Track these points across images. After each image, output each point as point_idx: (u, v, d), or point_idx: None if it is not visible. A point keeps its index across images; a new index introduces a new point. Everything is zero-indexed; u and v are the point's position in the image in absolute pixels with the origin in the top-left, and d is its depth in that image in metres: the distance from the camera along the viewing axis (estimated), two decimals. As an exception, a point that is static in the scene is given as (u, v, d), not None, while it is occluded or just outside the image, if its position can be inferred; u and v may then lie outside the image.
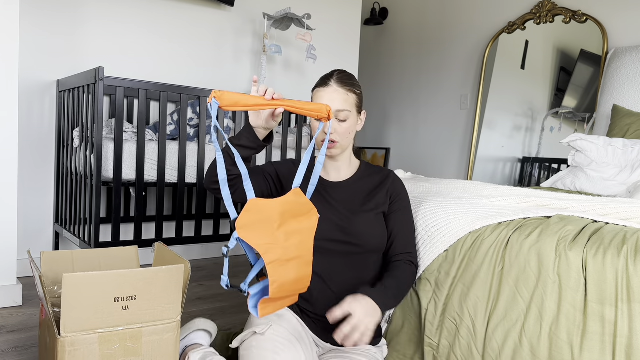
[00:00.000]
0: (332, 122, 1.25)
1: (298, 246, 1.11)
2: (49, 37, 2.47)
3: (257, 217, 1.08)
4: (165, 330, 1.25)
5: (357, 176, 1.41)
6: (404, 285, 1.33)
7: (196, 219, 2.40)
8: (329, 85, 1.30)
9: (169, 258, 1.39)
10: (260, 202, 1.09)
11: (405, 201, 1.41)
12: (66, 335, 1.14)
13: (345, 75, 1.33)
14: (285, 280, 1.08)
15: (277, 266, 1.07)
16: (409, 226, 1.40)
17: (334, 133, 1.29)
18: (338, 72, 1.33)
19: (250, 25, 3.15)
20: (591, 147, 2.25)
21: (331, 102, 1.28)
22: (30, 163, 2.48)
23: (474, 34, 3.74)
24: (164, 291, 1.22)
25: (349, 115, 1.30)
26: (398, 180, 1.43)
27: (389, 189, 1.39)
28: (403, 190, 1.42)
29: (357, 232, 1.32)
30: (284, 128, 2.61)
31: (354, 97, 1.32)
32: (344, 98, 1.29)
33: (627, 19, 2.97)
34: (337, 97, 1.28)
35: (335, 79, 1.30)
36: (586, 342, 1.11)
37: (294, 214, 1.13)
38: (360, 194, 1.38)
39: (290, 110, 1.18)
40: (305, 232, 1.13)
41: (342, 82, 1.30)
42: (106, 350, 1.18)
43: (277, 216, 1.10)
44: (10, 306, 2.04)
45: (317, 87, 1.33)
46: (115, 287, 1.16)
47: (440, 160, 3.93)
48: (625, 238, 1.16)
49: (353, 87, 1.32)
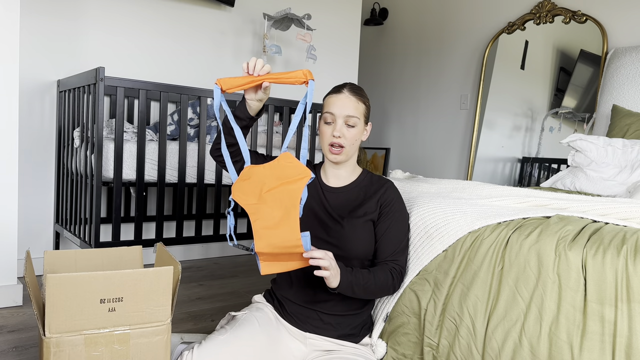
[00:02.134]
0: (341, 125, 1.36)
1: (283, 205, 1.18)
2: (49, 38, 2.47)
3: (249, 181, 1.20)
4: (154, 333, 1.23)
5: (355, 184, 1.45)
6: (374, 284, 1.34)
7: (196, 219, 2.41)
8: (342, 92, 1.39)
9: (166, 259, 1.39)
10: (252, 168, 1.21)
11: (395, 210, 1.41)
12: (51, 336, 1.13)
13: (357, 87, 1.43)
14: (271, 237, 1.16)
15: (262, 224, 1.17)
16: (395, 233, 1.40)
17: (342, 137, 1.37)
18: (350, 83, 1.43)
19: (250, 26, 3.16)
20: (591, 147, 2.25)
21: (343, 108, 1.37)
22: (31, 163, 2.48)
23: (474, 34, 3.74)
24: (152, 293, 1.21)
25: (357, 123, 1.38)
26: (393, 190, 1.44)
27: (380, 198, 1.42)
28: (395, 200, 1.43)
29: (340, 235, 1.37)
30: (284, 128, 2.61)
31: (363, 107, 1.40)
32: (355, 105, 1.38)
33: (627, 19, 2.97)
34: (348, 104, 1.38)
35: (348, 88, 1.40)
36: (586, 342, 1.12)
37: (283, 176, 1.21)
38: (354, 201, 1.42)
39: (273, 81, 1.26)
40: (293, 192, 1.20)
41: (354, 92, 1.40)
42: (93, 352, 1.16)
43: (267, 179, 1.20)
44: (11, 306, 2.05)
45: (330, 94, 1.42)
46: (101, 288, 1.15)
47: (440, 161, 3.93)
48: (624, 238, 1.16)
49: (363, 98, 1.41)
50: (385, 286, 1.36)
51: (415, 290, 1.44)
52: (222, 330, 1.35)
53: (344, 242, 1.37)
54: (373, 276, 1.34)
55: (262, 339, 1.34)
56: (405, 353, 1.43)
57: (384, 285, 1.36)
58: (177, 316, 2.04)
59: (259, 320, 1.39)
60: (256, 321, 1.38)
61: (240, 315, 1.42)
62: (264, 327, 1.37)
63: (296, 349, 1.39)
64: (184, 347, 1.42)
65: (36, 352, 1.66)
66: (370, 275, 1.33)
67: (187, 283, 2.51)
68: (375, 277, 1.34)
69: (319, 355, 1.37)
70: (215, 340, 1.29)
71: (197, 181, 2.38)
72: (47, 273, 1.44)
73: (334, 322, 1.40)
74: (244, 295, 2.36)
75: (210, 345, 1.27)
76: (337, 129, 1.36)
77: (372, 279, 1.33)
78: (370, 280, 1.32)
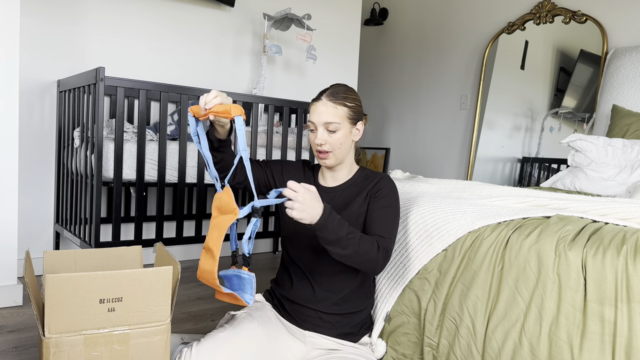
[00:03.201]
0: (322, 133, 1.37)
1: (212, 240, 1.21)
2: (49, 38, 2.47)
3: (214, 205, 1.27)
4: (154, 332, 1.23)
5: (350, 182, 1.45)
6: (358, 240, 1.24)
7: (196, 219, 2.41)
8: (320, 100, 1.39)
9: (165, 258, 1.39)
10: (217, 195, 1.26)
11: (383, 195, 1.38)
12: (50, 336, 1.13)
13: (339, 89, 1.40)
14: (200, 266, 1.22)
15: (203, 251, 1.23)
16: (382, 212, 1.36)
17: (325, 144, 1.37)
18: (334, 86, 1.41)
19: (250, 26, 3.16)
20: (591, 147, 2.25)
21: (320, 115, 1.37)
22: (31, 163, 2.48)
23: (474, 34, 3.74)
24: (151, 293, 1.21)
25: (339, 127, 1.37)
26: (386, 180, 1.42)
27: (372, 189, 1.40)
28: (386, 188, 1.40)
29: None
30: (284, 128, 2.61)
31: (344, 109, 1.38)
32: (332, 111, 1.37)
33: (627, 19, 2.97)
34: (325, 110, 1.37)
35: (327, 94, 1.39)
36: (586, 342, 1.12)
37: (224, 210, 1.25)
38: (348, 198, 1.42)
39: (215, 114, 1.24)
40: (221, 229, 1.22)
41: (332, 96, 1.38)
42: (92, 352, 1.16)
43: (215, 210, 1.25)
44: (11, 306, 2.05)
45: (312, 101, 1.42)
46: (100, 288, 1.15)
47: (440, 160, 3.93)
48: (624, 238, 1.16)
49: (344, 100, 1.38)
50: (371, 250, 1.26)
51: (415, 290, 1.44)
52: (221, 329, 1.35)
53: None
54: (359, 234, 1.26)
55: (261, 337, 1.34)
56: (405, 353, 1.44)
57: (369, 249, 1.26)
58: (177, 316, 2.04)
59: (258, 319, 1.39)
60: (255, 320, 1.38)
61: (240, 314, 1.42)
62: (263, 325, 1.38)
63: (295, 347, 1.39)
64: (183, 347, 1.42)
65: (36, 352, 1.66)
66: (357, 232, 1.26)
67: (187, 283, 2.52)
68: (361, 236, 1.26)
69: (319, 354, 1.38)
70: (214, 338, 1.29)
71: (197, 181, 2.38)
72: (46, 273, 1.44)
73: (333, 320, 1.40)
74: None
75: (209, 342, 1.27)
76: (318, 137, 1.37)
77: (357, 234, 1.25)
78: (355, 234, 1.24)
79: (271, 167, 1.50)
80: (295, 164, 1.53)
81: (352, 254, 1.23)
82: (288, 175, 1.49)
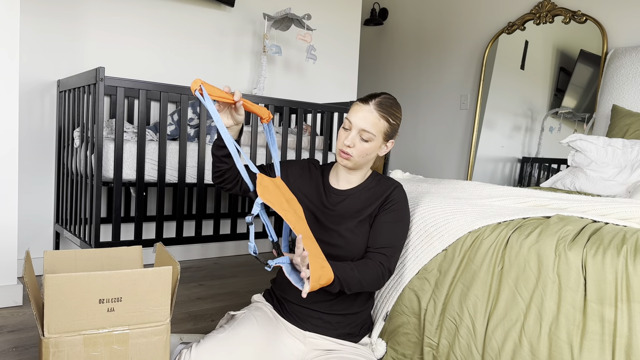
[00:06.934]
0: (354, 136, 1.34)
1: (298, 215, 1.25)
2: (49, 38, 2.47)
3: (268, 188, 1.26)
4: (153, 333, 1.23)
5: (362, 186, 1.44)
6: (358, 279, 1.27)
7: (196, 219, 2.41)
8: (368, 104, 1.35)
9: (165, 259, 1.39)
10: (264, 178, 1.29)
11: (395, 208, 1.38)
12: (50, 336, 1.13)
13: (388, 101, 1.37)
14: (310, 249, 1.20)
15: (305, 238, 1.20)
16: (389, 229, 1.36)
17: (352, 147, 1.34)
18: (384, 95, 1.38)
19: (250, 26, 3.16)
20: (591, 147, 2.25)
21: (359, 120, 1.34)
22: (31, 163, 2.48)
23: (473, 34, 3.74)
24: (151, 293, 1.21)
25: (372, 139, 1.35)
26: (399, 191, 1.42)
27: (383, 200, 1.40)
28: (398, 199, 1.40)
29: (339, 236, 1.36)
30: (284, 128, 2.61)
31: (385, 124, 1.36)
32: (374, 122, 1.34)
33: (627, 19, 2.97)
34: (367, 117, 1.34)
35: (376, 102, 1.35)
36: (586, 342, 1.12)
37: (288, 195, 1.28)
38: (358, 202, 1.41)
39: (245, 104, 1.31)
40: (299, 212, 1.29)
41: (379, 106, 1.35)
42: (92, 352, 1.16)
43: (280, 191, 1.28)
44: (11, 306, 2.05)
45: (357, 100, 1.38)
46: (99, 288, 1.15)
47: (440, 160, 3.93)
48: (624, 238, 1.16)
49: (389, 116, 1.36)
50: (375, 282, 1.30)
51: (415, 290, 1.44)
52: (221, 329, 1.35)
53: (333, 237, 1.37)
54: (363, 272, 1.28)
55: (260, 338, 1.34)
56: (405, 353, 1.44)
57: (373, 281, 1.30)
58: (177, 316, 2.04)
59: (257, 319, 1.39)
60: (255, 320, 1.38)
61: (239, 315, 1.42)
62: (263, 325, 1.38)
63: (295, 347, 1.39)
64: (183, 347, 1.42)
65: (36, 352, 1.66)
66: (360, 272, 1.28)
67: (187, 283, 2.51)
68: (363, 274, 1.28)
69: (319, 354, 1.38)
70: (213, 339, 1.29)
71: (197, 181, 2.38)
72: (46, 273, 1.44)
73: (334, 321, 1.40)
74: (244, 295, 2.36)
75: (208, 343, 1.27)
76: (349, 138, 1.34)
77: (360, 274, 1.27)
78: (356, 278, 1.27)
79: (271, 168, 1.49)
80: (300, 163, 1.50)
81: (357, 290, 1.30)
82: (292, 177, 1.46)
